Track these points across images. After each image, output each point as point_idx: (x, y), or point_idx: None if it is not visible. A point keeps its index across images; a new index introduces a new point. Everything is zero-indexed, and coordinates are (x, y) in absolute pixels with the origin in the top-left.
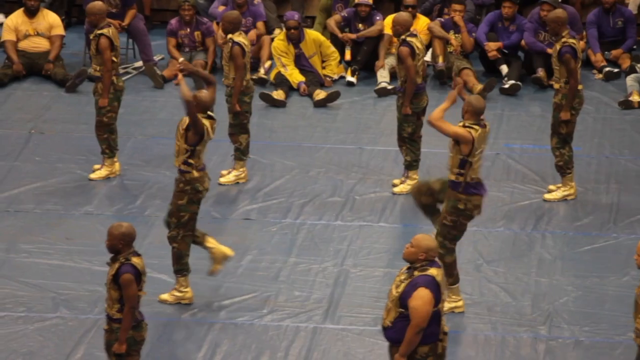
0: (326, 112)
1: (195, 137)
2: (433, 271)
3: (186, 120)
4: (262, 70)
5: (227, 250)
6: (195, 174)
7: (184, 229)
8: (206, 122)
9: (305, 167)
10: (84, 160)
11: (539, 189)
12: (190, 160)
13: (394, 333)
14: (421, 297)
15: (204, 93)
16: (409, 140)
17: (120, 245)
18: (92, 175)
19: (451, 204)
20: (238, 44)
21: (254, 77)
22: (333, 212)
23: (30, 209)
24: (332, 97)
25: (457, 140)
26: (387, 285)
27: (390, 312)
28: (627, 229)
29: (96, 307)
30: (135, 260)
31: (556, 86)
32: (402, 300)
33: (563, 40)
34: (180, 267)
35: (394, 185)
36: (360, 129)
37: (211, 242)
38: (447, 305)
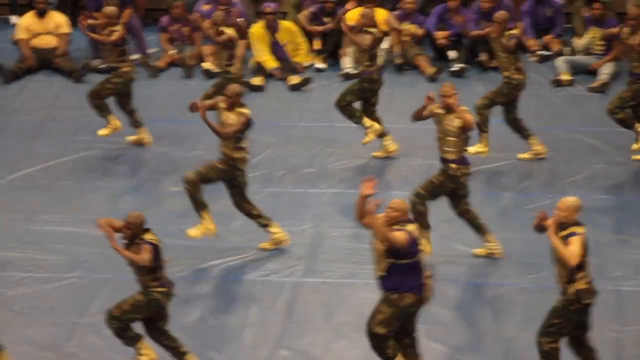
0: (300, 95)
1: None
2: (410, 227)
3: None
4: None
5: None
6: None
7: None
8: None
9: (283, 142)
10: (92, 141)
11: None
12: (242, 144)
13: (389, 282)
14: (399, 233)
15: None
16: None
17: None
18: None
19: (444, 169)
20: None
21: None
22: (309, 181)
23: (46, 184)
24: (305, 82)
25: (464, 128)
26: (359, 242)
27: (380, 264)
28: (560, 190)
29: (107, 267)
30: (149, 237)
31: (506, 74)
32: (391, 250)
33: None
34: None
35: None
36: (330, 109)
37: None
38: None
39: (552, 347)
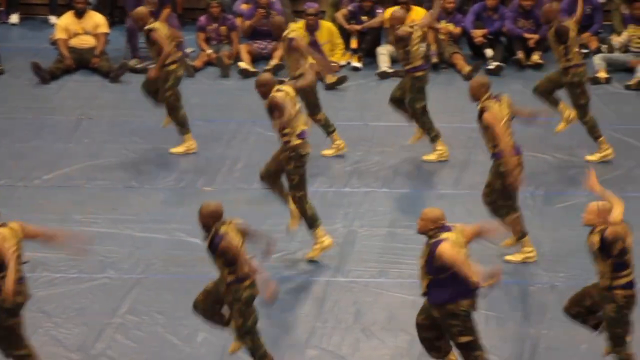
0: (335, 94)
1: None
2: (444, 234)
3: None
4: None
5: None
6: (295, 141)
7: (295, 190)
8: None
9: (317, 141)
10: (127, 141)
11: None
12: (285, 131)
13: (435, 296)
14: (444, 250)
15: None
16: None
17: (212, 221)
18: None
19: (495, 171)
20: (293, 38)
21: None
22: (342, 180)
23: (81, 184)
24: (341, 80)
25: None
26: (390, 242)
27: (423, 280)
28: None
29: (138, 267)
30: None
31: (561, 66)
32: (429, 267)
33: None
34: (309, 222)
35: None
36: (365, 108)
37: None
38: (520, 256)
39: (629, 354)
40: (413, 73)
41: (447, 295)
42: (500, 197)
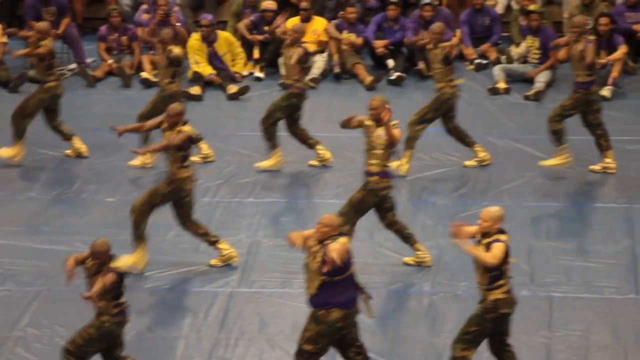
0: (238, 104)
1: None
2: (342, 239)
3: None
4: None
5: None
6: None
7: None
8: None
9: (221, 152)
10: (27, 151)
11: (414, 164)
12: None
13: (320, 299)
14: (338, 242)
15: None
16: None
17: (108, 258)
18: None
19: (364, 184)
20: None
21: None
22: (246, 190)
23: None
24: (243, 90)
25: (391, 143)
26: (293, 252)
27: (312, 282)
28: (496, 198)
29: (39, 280)
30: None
31: (439, 85)
32: (322, 268)
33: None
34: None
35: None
36: None
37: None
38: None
39: (466, 354)
40: (301, 90)
41: (327, 300)
42: (352, 210)
